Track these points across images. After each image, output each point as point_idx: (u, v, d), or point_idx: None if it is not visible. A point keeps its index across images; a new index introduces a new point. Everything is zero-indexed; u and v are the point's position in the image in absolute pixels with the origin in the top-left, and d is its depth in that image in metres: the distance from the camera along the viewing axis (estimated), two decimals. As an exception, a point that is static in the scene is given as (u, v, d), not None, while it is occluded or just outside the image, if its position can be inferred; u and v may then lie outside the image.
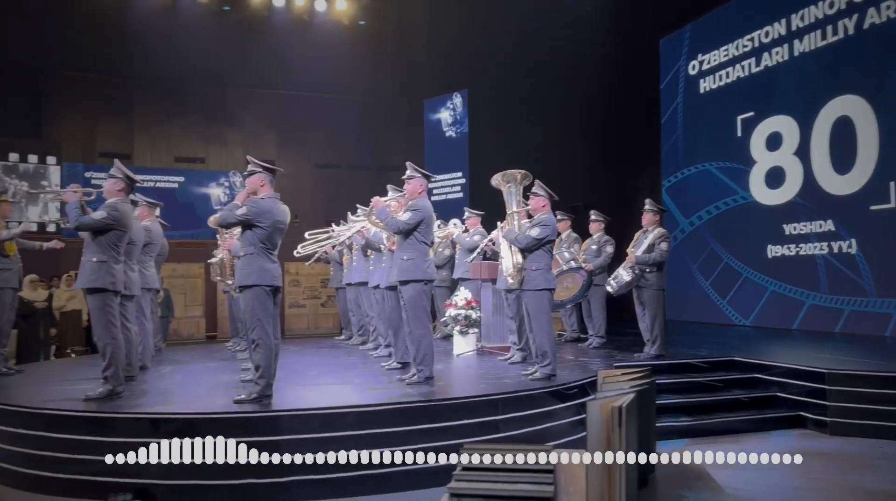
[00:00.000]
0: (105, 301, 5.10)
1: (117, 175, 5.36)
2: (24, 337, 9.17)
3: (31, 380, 6.33)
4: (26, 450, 4.74)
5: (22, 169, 12.83)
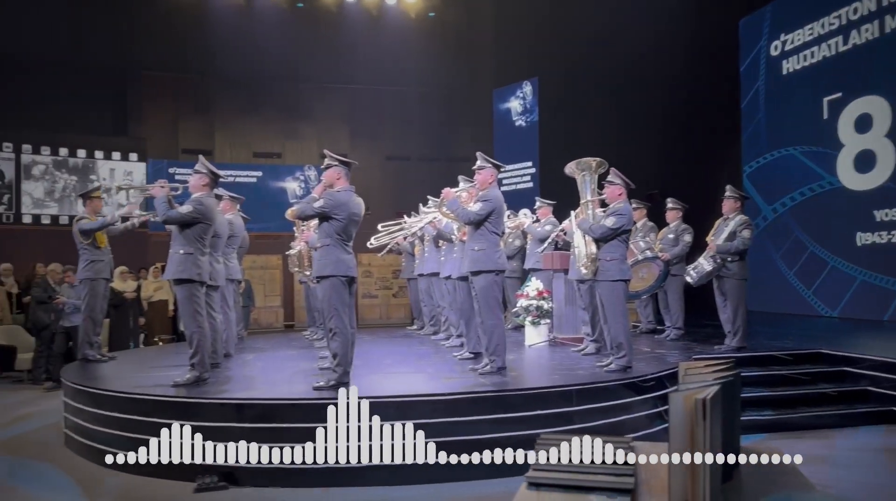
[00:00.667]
0: (192, 292, 5.33)
1: (202, 170, 5.58)
2: (115, 326, 9.68)
3: (123, 367, 6.68)
4: (119, 432, 5.02)
5: (71, 163, 13.41)
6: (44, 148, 13.22)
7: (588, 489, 2.20)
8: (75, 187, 13.25)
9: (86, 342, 6.77)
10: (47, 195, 13.27)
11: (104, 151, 13.71)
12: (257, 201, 13.64)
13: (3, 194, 12.84)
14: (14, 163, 12.89)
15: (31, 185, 13.14)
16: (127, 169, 13.81)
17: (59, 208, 13.33)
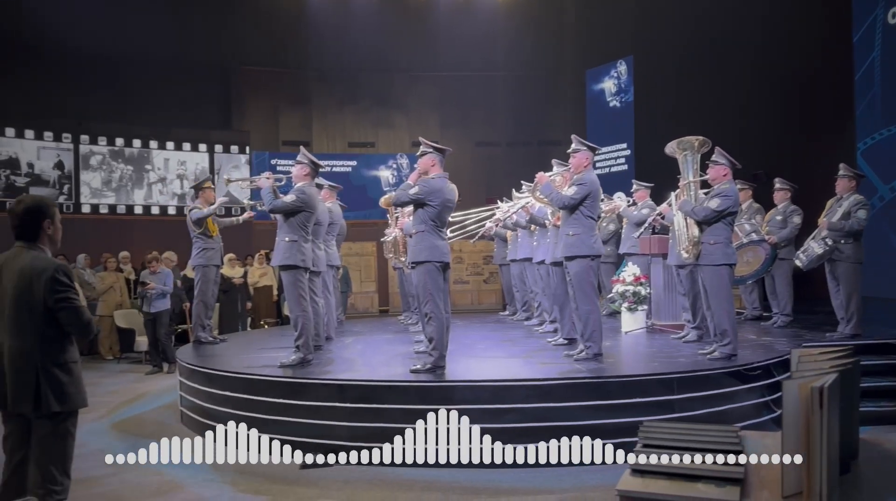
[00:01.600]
0: (297, 277, 5.57)
1: (303, 161, 5.80)
2: (225, 310, 10.23)
3: (233, 348, 7.06)
4: (231, 410, 5.32)
5: (127, 153, 13.85)
6: (135, 140, 13.93)
7: (695, 477, 2.15)
8: (131, 177, 13.80)
9: (199, 325, 7.20)
10: (104, 185, 13.66)
11: (208, 145, 14.42)
12: (352, 190, 14.03)
13: (63, 183, 13.23)
14: (73, 153, 13.32)
15: (88, 175, 13.48)
16: (181, 158, 14.20)
17: (116, 197, 13.76)
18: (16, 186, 12.59)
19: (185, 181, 14.20)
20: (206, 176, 10.73)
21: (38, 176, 12.94)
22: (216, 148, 14.45)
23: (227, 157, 14.41)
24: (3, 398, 2.87)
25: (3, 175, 12.60)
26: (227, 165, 14.40)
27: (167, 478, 4.51)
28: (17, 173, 12.71)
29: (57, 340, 2.88)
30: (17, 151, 12.73)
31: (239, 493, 4.20)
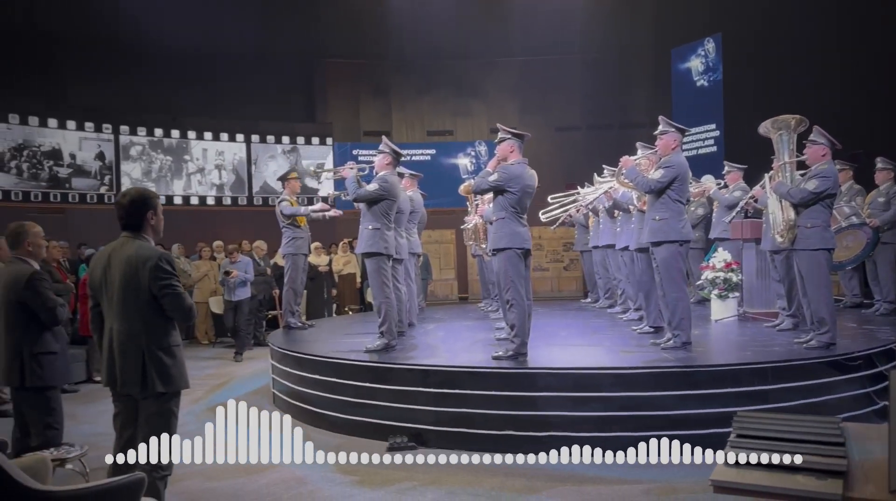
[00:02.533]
0: (380, 264, 5.68)
1: (385, 150, 5.89)
2: (311, 297, 10.56)
3: (320, 334, 7.29)
4: (321, 393, 5.51)
5: (166, 144, 14.08)
6: (206, 133, 14.37)
7: (795, 469, 2.07)
8: (170, 167, 14.08)
9: (289, 311, 7.46)
10: (144, 176, 13.83)
11: (291, 137, 14.82)
12: (431, 178, 14.11)
13: (105, 174, 13.36)
14: (113, 144, 13.37)
15: (129, 165, 13.64)
16: (219, 148, 14.40)
17: (157, 187, 13.74)
18: (59, 177, 12.82)
19: (223, 172, 14.35)
20: (292, 167, 11.03)
21: (80, 166, 13.05)
22: (299, 140, 14.85)
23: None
24: (113, 379, 3.07)
25: (47, 166, 12.73)
26: (263, 155, 14.61)
27: (257, 460, 4.70)
28: (59, 164, 12.84)
29: (161, 325, 3.06)
30: (60, 142, 12.84)
31: (329, 472, 4.34)
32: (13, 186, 12.21)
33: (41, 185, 12.55)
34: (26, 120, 12.38)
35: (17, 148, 12.28)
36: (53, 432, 3.74)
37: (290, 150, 14.90)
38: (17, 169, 12.30)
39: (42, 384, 3.68)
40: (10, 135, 12.20)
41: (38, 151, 12.51)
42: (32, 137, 12.42)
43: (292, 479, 4.22)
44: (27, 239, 3.79)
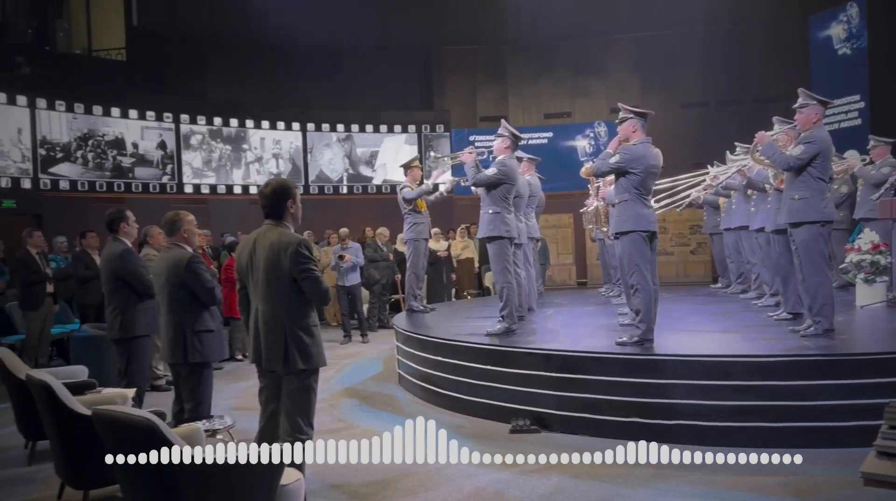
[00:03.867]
0: (501, 248, 5.71)
1: (504, 134, 5.90)
2: (431, 281, 10.79)
3: (441, 317, 7.44)
4: (443, 374, 5.64)
5: (225, 133, 13.91)
6: (324, 125, 14.76)
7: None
8: (229, 157, 14.14)
9: (411, 295, 7.67)
10: (205, 165, 13.75)
11: (416, 125, 15.10)
12: (548, 161, 13.97)
13: (166, 163, 13.28)
14: (174, 133, 13.25)
15: (189, 155, 13.54)
16: (276, 137, 14.38)
17: (216, 177, 13.85)
18: (122, 167, 12.73)
19: (280, 161, 14.43)
20: (415, 155, 11.22)
21: (142, 156, 12.96)
22: (411, 128, 15.10)
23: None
24: (259, 356, 3.31)
25: (111, 156, 12.62)
26: (318, 144, 14.71)
27: (385, 436, 4.89)
28: (122, 154, 12.73)
29: (301, 306, 3.26)
30: (123, 131, 12.72)
31: (453, 451, 4.43)
32: (79, 175, 12.16)
33: (105, 174, 12.50)
34: (91, 109, 12.28)
35: (83, 138, 12.21)
36: (205, 405, 4.09)
37: (344, 138, 14.93)
38: (82, 159, 12.25)
39: (202, 360, 4.02)
40: (76, 124, 12.11)
41: (102, 140, 12.44)
42: (97, 127, 12.37)
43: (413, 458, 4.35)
44: (182, 227, 4.15)
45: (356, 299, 9.49)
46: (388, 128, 15.04)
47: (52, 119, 11.76)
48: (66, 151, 11.94)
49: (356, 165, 14.95)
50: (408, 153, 15.05)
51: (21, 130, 11.27)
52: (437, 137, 15.15)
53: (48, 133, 11.68)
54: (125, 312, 4.70)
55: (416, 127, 15.14)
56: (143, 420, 2.53)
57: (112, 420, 2.68)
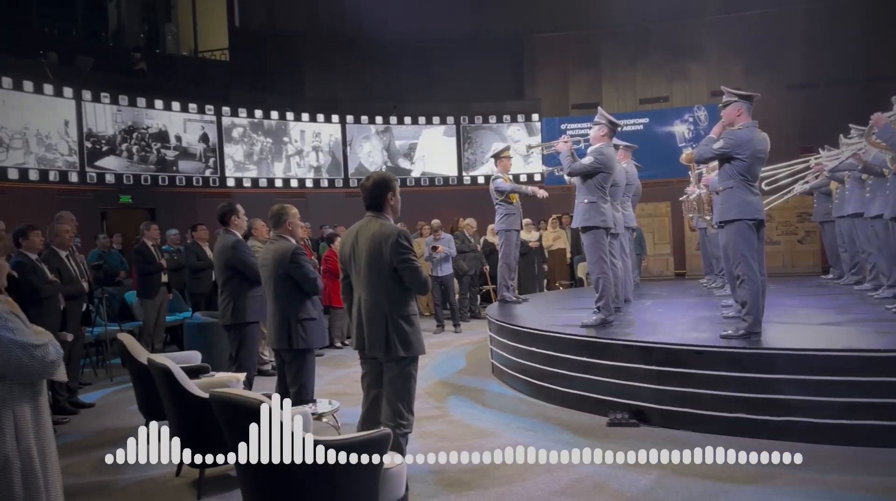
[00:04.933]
0: (597, 238, 5.61)
1: (601, 121, 5.78)
2: (523, 272, 10.72)
3: (534, 308, 7.40)
4: (537, 365, 5.61)
5: (266, 125, 13.58)
6: (435, 118, 14.88)
7: None
8: (270, 149, 13.80)
9: (503, 286, 7.67)
10: (246, 158, 13.52)
11: (510, 114, 15.01)
12: (645, 148, 13.58)
13: (209, 156, 13.09)
14: (216, 126, 13.05)
15: (231, 148, 13.28)
16: (316, 130, 14.20)
17: (258, 170, 13.62)
18: (167, 160, 12.52)
19: (320, 154, 14.29)
20: (506, 145, 11.14)
21: (185, 149, 12.75)
22: (519, 117, 15.00)
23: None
24: (362, 343, 3.41)
25: (155, 148, 12.39)
26: (357, 137, 14.61)
27: (481, 425, 4.95)
28: (166, 146, 12.53)
29: (401, 295, 3.33)
30: (166, 123, 12.50)
31: (551, 441, 4.43)
32: (125, 169, 11.98)
33: (150, 168, 12.31)
34: (135, 101, 12.11)
35: (128, 130, 12.02)
36: (308, 389, 4.26)
37: (383, 130, 14.78)
38: (127, 152, 12.04)
39: (305, 347, 4.20)
40: (121, 117, 11.91)
41: (146, 133, 12.26)
42: (141, 119, 12.18)
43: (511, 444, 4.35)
44: (287, 220, 4.34)
45: (449, 289, 9.58)
46: (484, 119, 14.98)
47: (97, 112, 11.64)
48: (111, 143, 11.83)
49: (394, 157, 14.86)
50: (448, 146, 15.06)
51: (68, 123, 11.20)
52: (476, 128, 15.01)
53: (94, 126, 11.57)
54: (237, 299, 4.95)
55: (499, 117, 15.02)
56: (258, 403, 2.67)
57: (228, 402, 2.83)
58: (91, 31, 15.04)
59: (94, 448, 4.79)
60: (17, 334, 2.35)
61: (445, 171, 14.95)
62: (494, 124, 15.08)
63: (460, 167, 15.05)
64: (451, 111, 14.95)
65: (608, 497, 3.56)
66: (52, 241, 5.69)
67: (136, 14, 15.84)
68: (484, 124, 15.06)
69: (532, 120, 15.02)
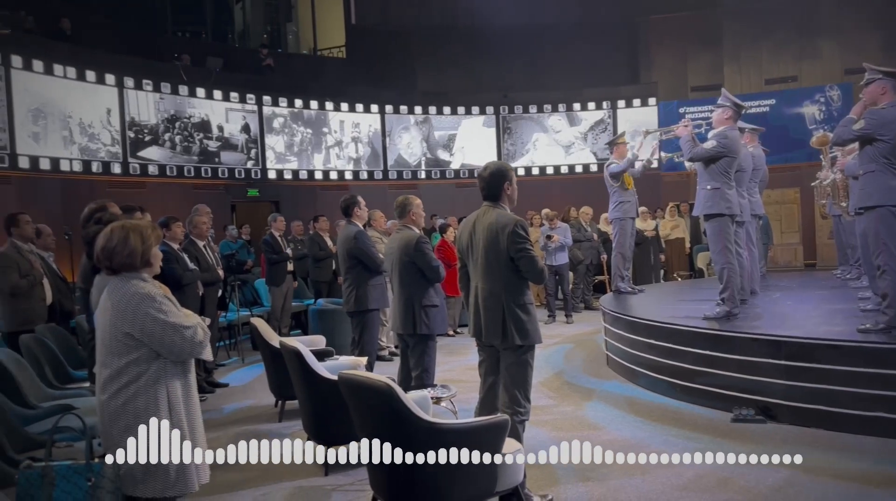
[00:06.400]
0: (722, 226, 5.38)
1: (725, 104, 5.52)
2: (638, 262, 10.42)
3: (650, 299, 7.20)
4: (655, 358, 5.47)
5: (306, 116, 13.38)
6: (546, 106, 14.65)
7: None
8: (310, 141, 13.55)
9: (618, 276, 7.51)
10: (287, 149, 13.35)
11: (625, 100, 14.60)
12: (771, 131, 12.82)
13: (251, 148, 12.88)
14: (257, 115, 12.82)
15: (272, 139, 13.13)
16: (355, 120, 13.91)
17: (298, 162, 13.41)
18: (209, 151, 12.29)
19: (359, 145, 14.00)
20: (622, 131, 10.82)
21: (227, 139, 12.51)
22: (619, 103, 14.61)
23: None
24: (479, 331, 3.47)
25: (198, 139, 12.16)
26: (396, 127, 14.30)
27: (595, 417, 4.89)
28: (209, 137, 12.28)
29: (517, 284, 3.36)
30: (208, 112, 12.25)
31: (671, 437, 4.32)
32: (168, 159, 11.76)
33: (193, 159, 12.10)
34: (177, 89, 11.90)
35: (170, 119, 11.80)
36: (430, 373, 4.39)
37: (422, 121, 14.46)
38: (170, 142, 11.82)
39: (427, 333, 4.34)
40: (163, 105, 11.71)
41: (188, 122, 12.03)
42: (183, 108, 11.97)
43: (622, 441, 4.30)
44: (411, 210, 4.50)
45: (564, 278, 9.49)
46: (597, 105, 14.66)
47: (139, 100, 11.53)
48: (153, 133, 11.69)
49: (434, 149, 14.61)
50: (488, 136, 14.73)
51: (110, 111, 11.15)
52: (516, 119, 14.53)
53: (136, 115, 11.47)
54: (359, 288, 5.17)
55: (612, 102, 14.62)
56: (384, 385, 2.79)
57: (356, 384, 2.98)
58: (219, 33, 16.07)
59: (230, 424, 5.16)
60: (170, 316, 2.57)
61: (484, 162, 14.74)
62: (535, 114, 14.71)
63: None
64: (561, 99, 14.71)
65: (734, 493, 3.44)
66: (191, 231, 6.15)
67: (260, 15, 16.74)
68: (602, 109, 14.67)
69: (648, 104, 14.53)
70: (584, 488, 3.57)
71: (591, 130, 14.69)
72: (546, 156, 14.65)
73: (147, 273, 2.67)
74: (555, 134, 14.48)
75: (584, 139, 14.61)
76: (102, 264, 2.64)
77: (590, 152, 14.47)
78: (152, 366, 2.55)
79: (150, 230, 2.70)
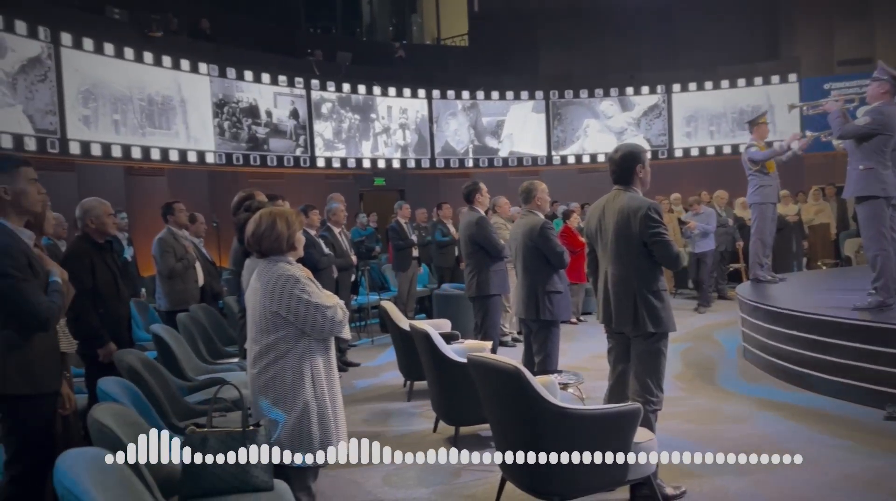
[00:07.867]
0: (875, 209, 4.94)
1: (882, 77, 5.04)
2: (778, 249, 9.74)
3: (792, 288, 6.74)
4: (798, 350, 5.14)
5: (354, 101, 13.04)
6: (676, 85, 13.93)
7: None
8: (358, 128, 13.17)
9: (756, 264, 7.07)
10: (335, 136, 12.96)
11: (762, 77, 13.71)
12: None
13: (299, 134, 12.57)
14: (305, 101, 12.48)
15: (320, 125, 12.73)
16: (403, 106, 13.42)
17: (347, 149, 13.05)
18: (258, 138, 11.90)
19: (406, 132, 13.48)
20: (762, 111, 10.10)
21: (276, 125, 12.13)
22: (757, 80, 13.70)
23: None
24: (609, 317, 3.41)
25: (246, 125, 11.76)
26: (444, 114, 13.66)
27: (732, 410, 4.67)
28: (257, 123, 11.89)
29: (650, 270, 3.27)
30: (256, 97, 11.85)
31: (815, 433, 4.06)
32: (217, 146, 11.33)
33: (241, 146, 11.70)
34: (225, 72, 11.48)
35: (219, 104, 11.38)
36: (553, 359, 4.38)
37: (469, 106, 13.89)
38: (218, 128, 11.39)
39: (551, 319, 4.34)
40: (212, 88, 11.28)
41: (237, 107, 11.64)
42: (231, 92, 11.57)
43: (761, 436, 4.07)
44: (536, 195, 4.50)
45: (705, 266, 9.08)
46: (731, 83, 13.85)
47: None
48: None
49: (482, 135, 14.10)
50: (534, 122, 14.10)
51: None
52: (566, 104, 13.53)
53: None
54: (480, 273, 5.24)
55: (749, 80, 13.71)
56: (513, 368, 2.82)
57: (485, 366, 3.03)
58: (349, 28, 16.68)
59: (363, 401, 5.40)
60: (313, 296, 2.73)
61: (534, 150, 14.30)
62: (586, 99, 14.16)
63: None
64: (693, 78, 14.02)
65: (888, 494, 3.18)
66: (328, 219, 6.47)
67: (387, 8, 17.20)
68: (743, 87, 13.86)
69: (788, 81, 13.54)
70: (721, 482, 3.43)
71: (644, 115, 14.16)
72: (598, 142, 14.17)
73: (292, 256, 2.84)
74: (607, 120, 14.00)
75: (637, 125, 14.14)
76: (252, 248, 2.84)
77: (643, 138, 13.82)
78: (299, 343, 2.72)
79: (294, 217, 2.87)
